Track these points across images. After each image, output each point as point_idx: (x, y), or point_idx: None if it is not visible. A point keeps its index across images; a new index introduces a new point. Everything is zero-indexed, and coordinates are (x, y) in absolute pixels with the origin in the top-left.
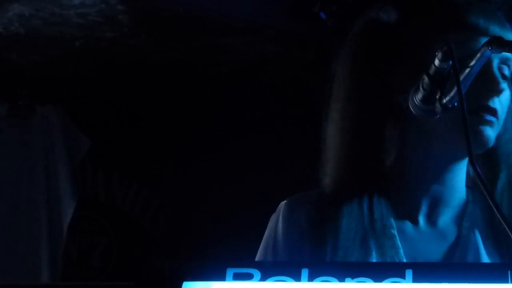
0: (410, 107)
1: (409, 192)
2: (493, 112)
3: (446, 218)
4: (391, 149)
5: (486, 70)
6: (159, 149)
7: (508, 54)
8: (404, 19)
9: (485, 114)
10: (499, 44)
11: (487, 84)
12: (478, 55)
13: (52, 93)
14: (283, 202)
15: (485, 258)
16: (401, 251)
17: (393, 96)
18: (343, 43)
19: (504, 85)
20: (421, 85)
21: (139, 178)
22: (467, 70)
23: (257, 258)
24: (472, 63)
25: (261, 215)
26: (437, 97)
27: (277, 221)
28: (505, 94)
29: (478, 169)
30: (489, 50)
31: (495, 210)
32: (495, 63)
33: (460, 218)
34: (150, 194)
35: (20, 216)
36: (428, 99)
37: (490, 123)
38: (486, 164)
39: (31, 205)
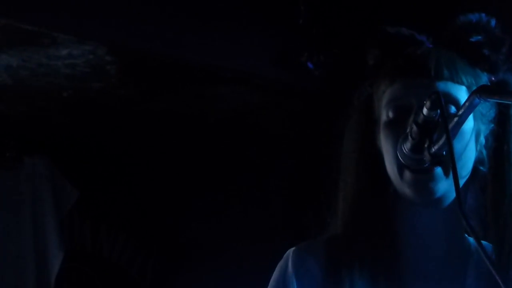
0: (399, 156)
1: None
2: (445, 162)
3: (444, 277)
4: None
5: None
6: (146, 199)
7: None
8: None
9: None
10: (488, 92)
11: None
12: (467, 103)
13: (39, 144)
14: (291, 250)
15: None
16: None
17: None
18: (344, 112)
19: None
20: (409, 134)
21: (126, 229)
22: (456, 119)
23: None
24: (461, 112)
25: (248, 268)
26: (426, 146)
27: (285, 268)
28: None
29: (470, 221)
30: (478, 98)
31: (488, 263)
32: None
33: (462, 275)
34: (138, 245)
35: (7, 268)
36: (417, 148)
37: (437, 178)
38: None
39: (19, 257)
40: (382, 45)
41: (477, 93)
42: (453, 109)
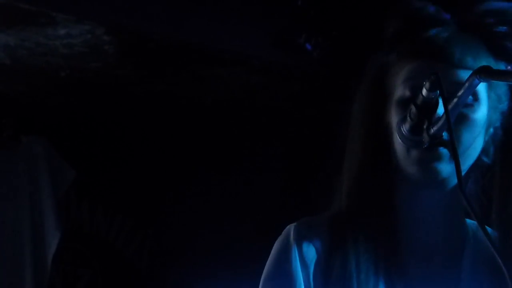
0: (398, 137)
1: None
2: (445, 144)
3: (442, 259)
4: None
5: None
6: (143, 180)
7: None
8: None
9: (439, 147)
10: (488, 73)
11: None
12: (466, 84)
13: (37, 124)
14: (292, 225)
15: None
16: None
17: None
18: (357, 82)
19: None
20: (408, 115)
21: (123, 209)
22: (455, 100)
23: (263, 280)
24: (460, 92)
25: (247, 248)
26: (425, 127)
27: (286, 242)
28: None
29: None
30: (477, 79)
31: (490, 245)
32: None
33: (458, 258)
34: (135, 226)
35: (4, 247)
36: (415, 129)
37: (443, 157)
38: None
39: (15, 236)
40: (406, 17)
41: (477, 73)
42: (470, 98)
